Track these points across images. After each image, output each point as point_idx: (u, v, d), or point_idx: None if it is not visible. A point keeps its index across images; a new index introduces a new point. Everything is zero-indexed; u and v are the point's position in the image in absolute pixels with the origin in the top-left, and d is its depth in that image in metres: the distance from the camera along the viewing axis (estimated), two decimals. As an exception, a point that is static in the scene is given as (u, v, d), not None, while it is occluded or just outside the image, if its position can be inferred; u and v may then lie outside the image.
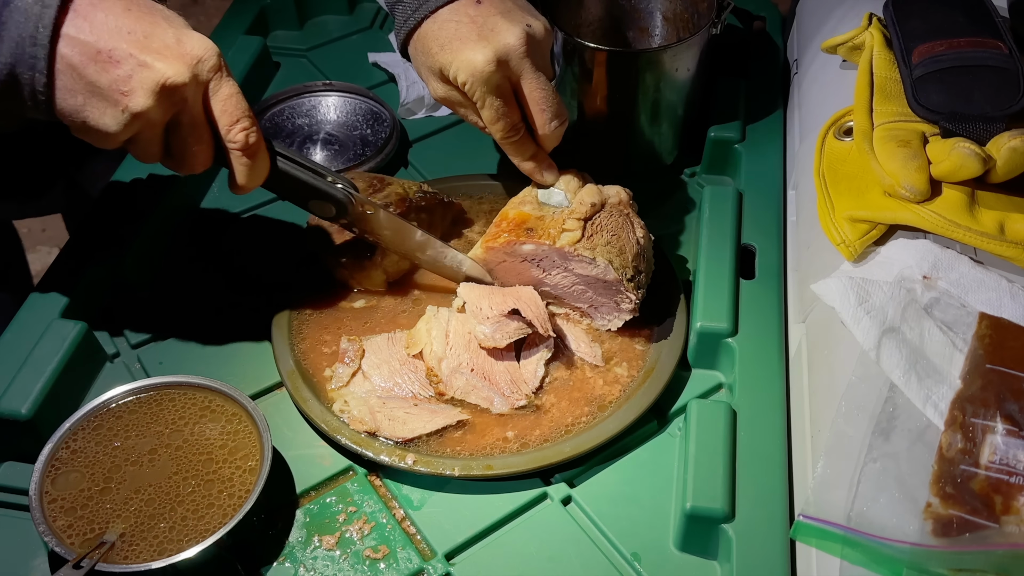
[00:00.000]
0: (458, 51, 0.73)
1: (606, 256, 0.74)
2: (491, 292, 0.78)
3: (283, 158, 0.72)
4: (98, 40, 0.60)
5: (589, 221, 0.76)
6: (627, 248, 0.76)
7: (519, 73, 0.75)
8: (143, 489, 0.65)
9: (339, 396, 0.74)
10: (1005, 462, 0.55)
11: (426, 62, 0.77)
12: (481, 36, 0.73)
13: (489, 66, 0.73)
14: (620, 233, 0.77)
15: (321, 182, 0.74)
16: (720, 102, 0.98)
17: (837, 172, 0.77)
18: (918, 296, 0.66)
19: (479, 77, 0.73)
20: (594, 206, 0.77)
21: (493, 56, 0.72)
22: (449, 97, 0.78)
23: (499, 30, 0.73)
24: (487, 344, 0.74)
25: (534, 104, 0.76)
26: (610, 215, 0.78)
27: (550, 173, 0.81)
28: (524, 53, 0.73)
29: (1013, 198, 0.70)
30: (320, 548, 0.66)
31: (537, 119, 0.77)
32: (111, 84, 0.61)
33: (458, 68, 0.73)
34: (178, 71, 0.62)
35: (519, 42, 0.73)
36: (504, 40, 0.73)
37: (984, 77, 0.72)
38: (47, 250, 2.01)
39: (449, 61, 0.74)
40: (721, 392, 0.77)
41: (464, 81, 0.74)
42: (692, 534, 0.65)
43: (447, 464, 0.69)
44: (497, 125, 0.77)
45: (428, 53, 0.76)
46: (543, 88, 0.76)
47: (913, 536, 0.54)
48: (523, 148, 0.79)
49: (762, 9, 1.12)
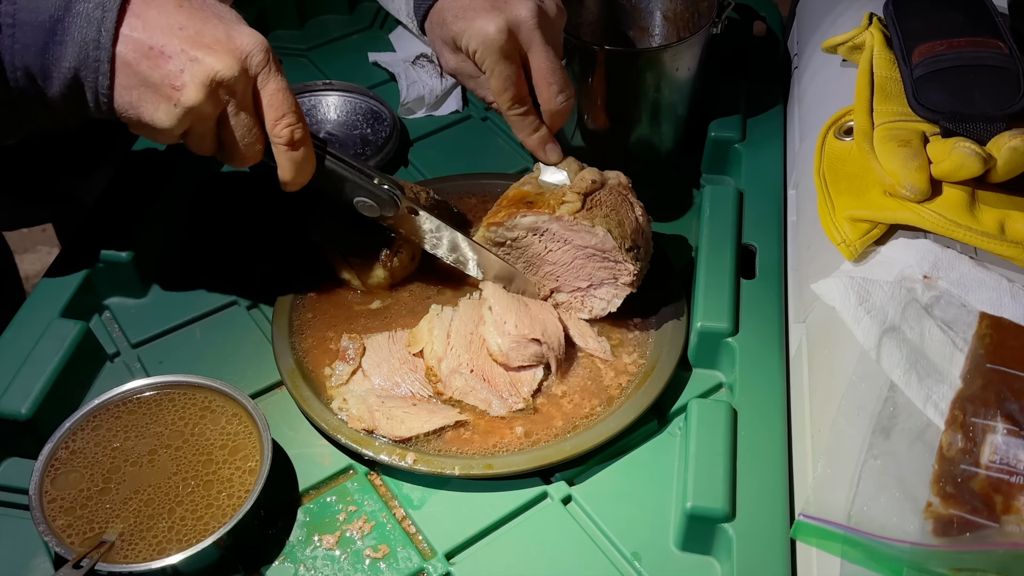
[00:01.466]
0: (471, 20, 0.75)
1: (605, 225, 0.75)
2: (519, 308, 0.77)
3: (331, 157, 0.73)
4: (151, 37, 0.62)
5: (589, 196, 0.77)
6: (626, 222, 0.76)
7: (528, 45, 0.76)
8: (143, 489, 0.65)
9: (338, 394, 0.74)
10: (1005, 462, 0.55)
11: (440, 33, 0.78)
12: (494, 7, 0.74)
13: (500, 35, 0.74)
14: (619, 208, 0.77)
15: (367, 182, 0.75)
16: (720, 102, 0.98)
17: (837, 172, 0.77)
18: (918, 296, 0.66)
19: (490, 45, 0.74)
20: (594, 182, 0.77)
21: (504, 25, 0.74)
22: (460, 68, 0.80)
23: (512, 2, 0.74)
24: (500, 359, 0.75)
25: (541, 77, 0.77)
26: (610, 193, 0.78)
27: (554, 151, 0.81)
28: (535, 25, 0.75)
29: (1013, 198, 0.70)
30: (320, 547, 0.66)
31: (544, 92, 0.78)
32: (163, 79, 0.62)
33: (470, 36, 0.75)
34: (228, 65, 0.63)
35: (530, 14, 0.74)
36: (516, 11, 0.74)
37: (984, 77, 0.72)
38: (47, 250, 2.01)
39: (462, 30, 0.75)
40: (721, 392, 0.77)
41: (475, 49, 0.75)
42: (692, 533, 0.65)
43: (447, 463, 0.69)
44: (504, 95, 0.78)
45: (443, 24, 0.77)
46: (551, 61, 0.76)
47: (913, 535, 0.54)
48: (528, 122, 0.80)
49: (762, 9, 1.12)
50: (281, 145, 0.68)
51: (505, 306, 0.77)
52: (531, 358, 0.75)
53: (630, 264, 0.75)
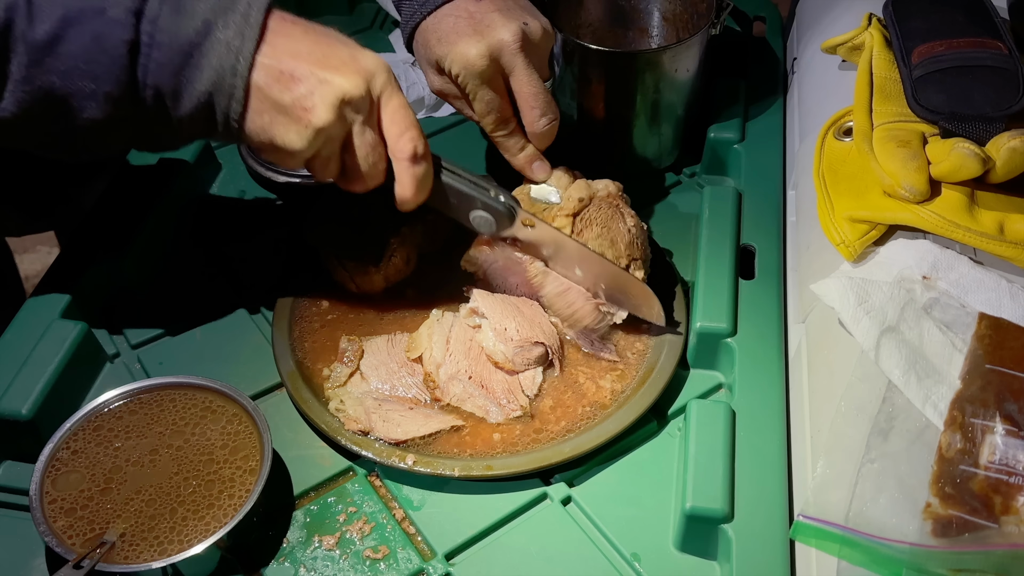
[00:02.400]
0: (453, 44, 0.75)
1: (599, 249, 0.74)
2: (514, 313, 0.77)
3: (447, 171, 0.72)
4: (280, 62, 0.63)
5: (578, 216, 0.77)
6: (619, 238, 0.76)
7: (511, 69, 0.76)
8: (144, 489, 0.65)
9: (335, 395, 0.74)
10: (1004, 462, 0.55)
11: (425, 55, 0.79)
12: (476, 31, 0.75)
13: (481, 60, 0.74)
14: (610, 224, 0.77)
15: (485, 195, 0.73)
16: (719, 102, 0.98)
17: (837, 172, 0.77)
18: (917, 296, 0.66)
19: (471, 70, 0.75)
20: (581, 201, 0.77)
21: (486, 50, 0.74)
22: (444, 89, 0.80)
23: (495, 26, 0.75)
24: (505, 366, 0.75)
25: (524, 101, 0.77)
26: (599, 208, 0.78)
27: (541, 170, 0.81)
28: (517, 49, 0.75)
29: (1013, 198, 0.70)
30: (320, 548, 0.67)
31: (527, 115, 0.78)
32: (294, 101, 0.63)
33: (452, 60, 0.75)
34: (355, 84, 0.64)
35: (513, 38, 0.74)
36: (498, 35, 0.74)
37: (984, 77, 0.72)
38: (47, 250, 2.01)
39: (444, 53, 0.76)
40: (721, 392, 0.77)
41: (457, 73, 0.76)
42: (692, 534, 0.65)
43: (448, 464, 0.69)
44: (488, 118, 0.78)
45: (427, 46, 0.78)
46: (533, 85, 0.77)
47: (912, 536, 0.54)
48: (513, 143, 0.80)
49: (762, 9, 1.12)
50: (404, 160, 0.68)
51: (501, 312, 0.77)
52: (536, 361, 0.76)
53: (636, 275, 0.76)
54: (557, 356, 0.76)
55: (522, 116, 0.79)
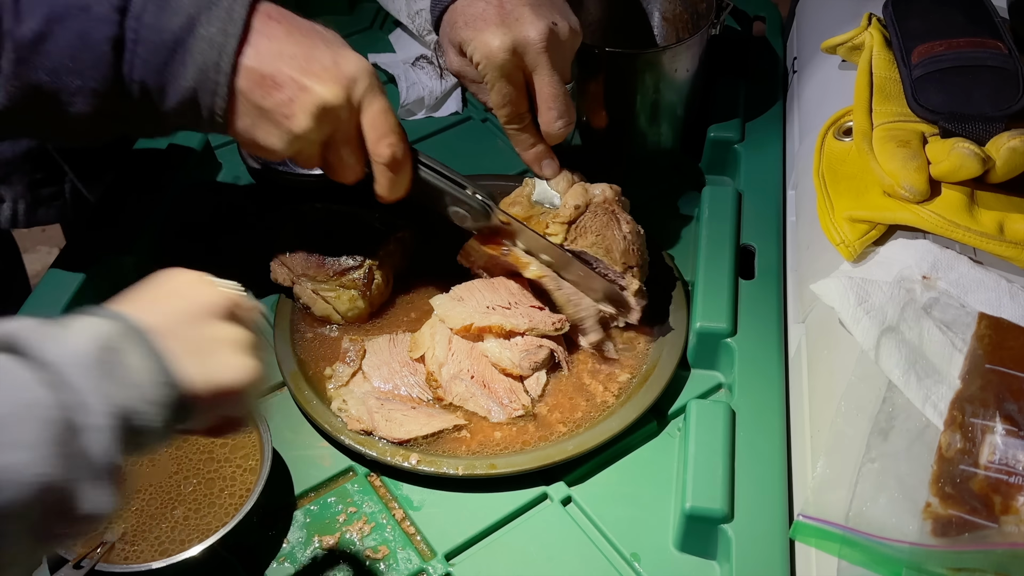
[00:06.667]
0: (479, 31, 0.75)
1: None
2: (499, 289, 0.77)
3: (426, 168, 0.73)
4: (262, 65, 0.64)
5: (573, 224, 0.77)
6: (614, 246, 0.76)
7: (534, 67, 0.75)
8: (144, 489, 0.65)
9: (338, 395, 0.74)
10: (1004, 462, 0.55)
11: (449, 34, 0.78)
12: (504, 22, 0.74)
13: (503, 53, 0.74)
14: (605, 232, 0.77)
15: (461, 192, 0.75)
16: (720, 102, 0.98)
17: (837, 172, 0.77)
18: (917, 296, 0.66)
19: (492, 61, 0.74)
20: (577, 208, 0.77)
21: (510, 44, 0.73)
22: (463, 71, 0.80)
23: (523, 20, 0.74)
24: (514, 372, 0.75)
25: (543, 101, 0.77)
26: (594, 215, 0.78)
27: (550, 168, 0.81)
28: (543, 48, 0.74)
29: (1012, 198, 0.70)
30: (320, 548, 0.67)
31: (543, 116, 0.77)
32: (275, 107, 0.64)
33: (475, 47, 0.75)
34: (335, 93, 0.65)
35: (539, 37, 0.73)
36: (524, 32, 0.74)
37: (983, 77, 0.72)
38: (47, 250, 2.01)
39: (469, 38, 0.75)
40: (720, 392, 0.77)
41: (478, 61, 0.75)
42: (692, 534, 0.65)
43: (451, 463, 0.69)
44: (503, 110, 0.78)
45: (453, 26, 0.77)
46: (555, 87, 0.76)
47: (912, 536, 0.54)
48: (525, 138, 0.80)
49: (762, 9, 1.12)
50: (381, 164, 0.69)
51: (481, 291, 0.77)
52: (543, 362, 0.76)
53: (634, 283, 0.76)
54: (564, 358, 0.76)
55: (539, 115, 0.78)
